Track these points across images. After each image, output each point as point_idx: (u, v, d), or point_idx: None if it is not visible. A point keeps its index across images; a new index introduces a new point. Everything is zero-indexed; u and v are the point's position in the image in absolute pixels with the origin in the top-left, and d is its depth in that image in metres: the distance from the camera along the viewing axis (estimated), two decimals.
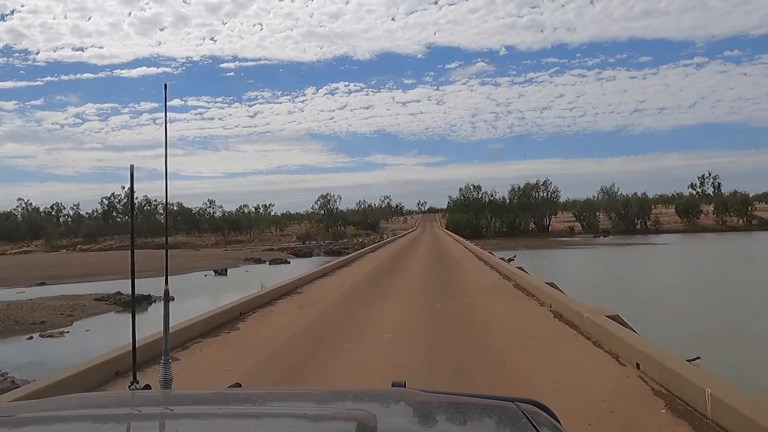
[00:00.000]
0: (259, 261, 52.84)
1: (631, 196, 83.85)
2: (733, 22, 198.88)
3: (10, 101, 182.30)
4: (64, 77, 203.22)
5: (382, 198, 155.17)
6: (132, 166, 2.00)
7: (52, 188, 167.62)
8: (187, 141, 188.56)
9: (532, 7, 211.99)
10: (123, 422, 1.30)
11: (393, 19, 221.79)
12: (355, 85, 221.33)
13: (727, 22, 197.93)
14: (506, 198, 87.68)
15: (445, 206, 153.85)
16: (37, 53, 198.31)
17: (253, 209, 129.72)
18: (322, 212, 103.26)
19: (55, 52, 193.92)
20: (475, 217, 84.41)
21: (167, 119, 2.15)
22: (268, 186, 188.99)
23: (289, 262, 51.07)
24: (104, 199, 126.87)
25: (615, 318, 7.25)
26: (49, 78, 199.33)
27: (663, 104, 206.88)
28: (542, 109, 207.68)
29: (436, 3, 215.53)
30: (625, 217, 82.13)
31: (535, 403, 1.37)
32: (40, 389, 4.76)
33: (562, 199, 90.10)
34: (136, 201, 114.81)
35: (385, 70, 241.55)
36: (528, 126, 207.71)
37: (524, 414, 1.24)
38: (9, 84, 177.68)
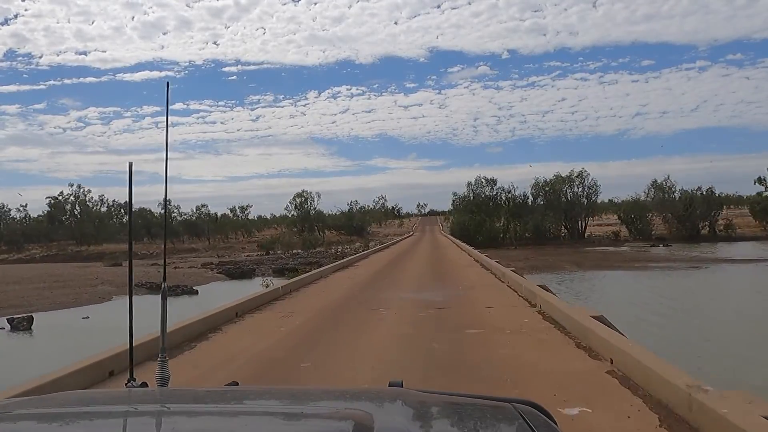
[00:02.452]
0: (155, 287, 33.20)
1: (694, 192, 63.83)
2: (736, 25, 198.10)
3: (13, 105, 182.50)
4: (66, 81, 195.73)
5: (377, 199, 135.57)
6: (131, 164, 1.96)
7: (54, 192, 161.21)
8: (189, 144, 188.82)
9: (535, 11, 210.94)
10: (120, 419, 1.30)
11: (396, 23, 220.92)
12: (357, 89, 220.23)
13: (730, 25, 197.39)
14: (529, 195, 67.78)
15: (446, 208, 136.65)
16: (40, 57, 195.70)
17: (228, 211, 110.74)
18: (297, 214, 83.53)
19: (58, 56, 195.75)
20: (489, 220, 64.47)
21: (168, 119, 2.16)
22: (270, 190, 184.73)
23: (196, 292, 31.42)
24: (50, 199, 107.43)
25: None
26: (51, 82, 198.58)
27: (665, 108, 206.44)
28: (544, 112, 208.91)
29: (438, 7, 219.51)
30: (687, 219, 62.10)
31: (531, 403, 1.36)
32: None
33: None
34: (90, 203, 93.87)
35: (388, 73, 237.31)
36: (530, 130, 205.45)
37: (520, 414, 1.25)
38: (12, 88, 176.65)
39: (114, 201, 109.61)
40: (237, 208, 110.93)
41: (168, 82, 2.16)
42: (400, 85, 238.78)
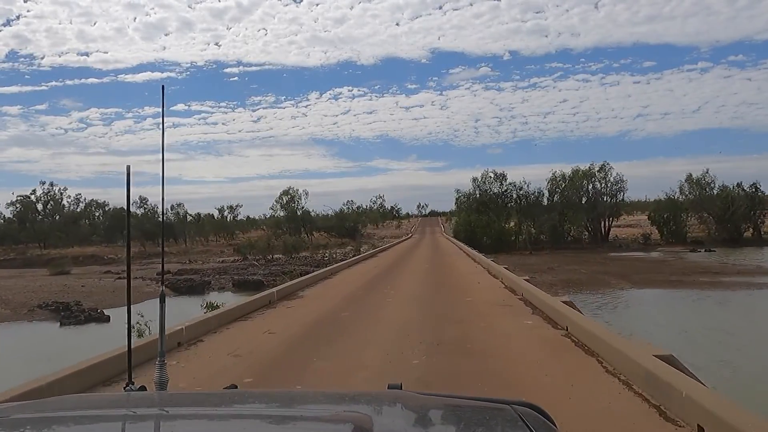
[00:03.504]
0: (61, 309, 24.71)
1: (735, 189, 55.29)
2: (738, 26, 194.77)
3: (15, 106, 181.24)
4: (68, 82, 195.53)
5: (374, 198, 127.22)
6: (128, 167, 1.98)
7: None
8: (191, 146, 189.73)
9: (537, 12, 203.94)
10: (118, 423, 1.30)
11: (397, 24, 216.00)
12: (358, 90, 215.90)
13: (732, 26, 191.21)
14: (544, 192, 59.09)
15: (448, 209, 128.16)
16: (42, 58, 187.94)
17: (216, 211, 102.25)
18: (283, 214, 74.95)
19: (60, 57, 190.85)
20: (497, 220, 55.93)
21: (165, 121, 2.25)
22: (271, 191, 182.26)
23: (108, 319, 22.86)
24: (19, 197, 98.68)
25: None
26: (53, 83, 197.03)
27: (666, 109, 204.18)
28: (545, 114, 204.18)
29: (440, 8, 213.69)
30: (729, 220, 53.56)
31: (531, 405, 1.34)
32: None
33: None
34: (67, 202, 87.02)
35: (389, 75, 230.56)
36: (531, 131, 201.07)
37: (520, 416, 1.24)
38: (14, 89, 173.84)
39: (92, 200, 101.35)
40: (226, 207, 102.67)
41: (163, 86, 2.32)
42: (402, 86, 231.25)
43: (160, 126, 2.17)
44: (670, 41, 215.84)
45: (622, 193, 57.31)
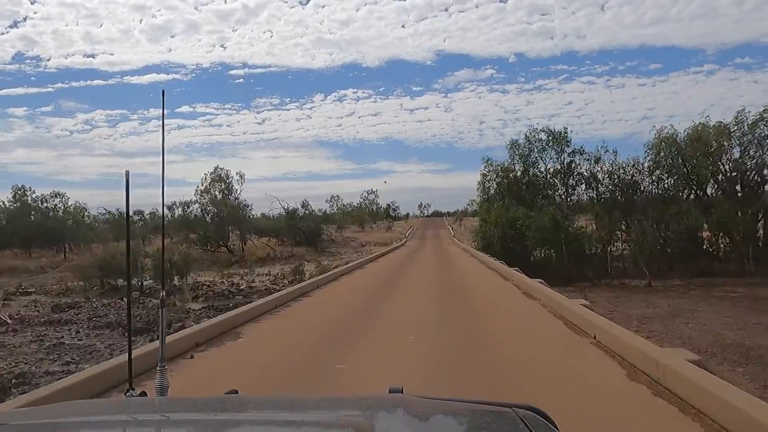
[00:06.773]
0: None
1: None
2: (745, 29, 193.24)
3: (21, 107, 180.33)
4: (74, 84, 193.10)
5: (364, 194, 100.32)
6: (127, 172, 1.99)
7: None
8: (195, 147, 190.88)
9: (543, 15, 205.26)
10: (118, 429, 1.30)
11: (403, 27, 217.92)
12: (363, 92, 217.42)
13: (739, 29, 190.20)
14: (644, 162, 31.98)
15: (452, 210, 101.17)
16: (48, 60, 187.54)
17: (177, 209, 75.35)
18: (205, 212, 48.07)
19: (66, 58, 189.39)
20: (563, 219, 28.92)
21: (165, 125, 2.23)
22: (275, 192, 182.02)
23: None
24: None
25: None
26: (59, 84, 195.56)
27: (672, 112, 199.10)
28: (550, 116, 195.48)
29: (446, 10, 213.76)
30: None
31: (533, 408, 1.34)
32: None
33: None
34: None
35: (394, 77, 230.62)
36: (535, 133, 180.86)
37: (522, 420, 1.24)
38: (20, 90, 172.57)
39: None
40: (178, 204, 75.83)
41: (163, 91, 2.31)
42: (407, 88, 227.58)
43: (163, 129, 2.23)
44: (676, 43, 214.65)
45: None
